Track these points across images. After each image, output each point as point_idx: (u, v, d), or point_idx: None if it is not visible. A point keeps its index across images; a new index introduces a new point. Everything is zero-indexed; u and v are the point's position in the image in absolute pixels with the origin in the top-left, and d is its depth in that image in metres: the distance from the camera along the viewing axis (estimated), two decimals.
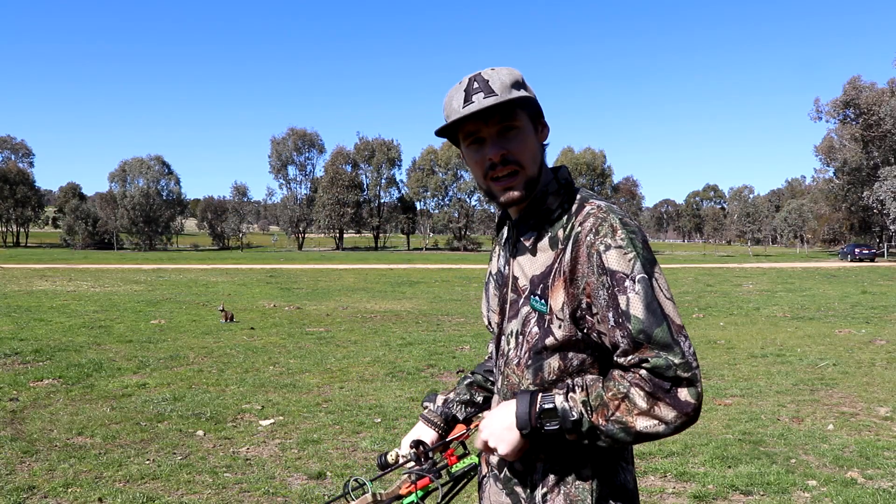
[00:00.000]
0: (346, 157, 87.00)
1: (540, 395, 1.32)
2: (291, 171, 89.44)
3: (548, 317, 1.35)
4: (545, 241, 1.39)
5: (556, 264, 1.34)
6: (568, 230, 1.35)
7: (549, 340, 1.35)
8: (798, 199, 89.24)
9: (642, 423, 1.26)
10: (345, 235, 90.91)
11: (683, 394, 1.26)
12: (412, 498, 1.57)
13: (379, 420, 5.73)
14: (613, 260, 1.28)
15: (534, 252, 1.41)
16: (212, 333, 10.87)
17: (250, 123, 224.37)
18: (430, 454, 1.62)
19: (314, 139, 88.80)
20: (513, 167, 1.38)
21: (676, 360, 1.25)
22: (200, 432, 5.34)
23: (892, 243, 62.95)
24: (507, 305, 1.46)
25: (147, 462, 4.63)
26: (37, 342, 9.62)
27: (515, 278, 1.44)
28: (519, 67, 1.44)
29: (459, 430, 1.68)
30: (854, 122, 57.40)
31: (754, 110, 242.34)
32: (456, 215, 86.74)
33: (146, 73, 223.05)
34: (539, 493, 1.37)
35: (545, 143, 1.46)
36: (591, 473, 1.35)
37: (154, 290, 19.71)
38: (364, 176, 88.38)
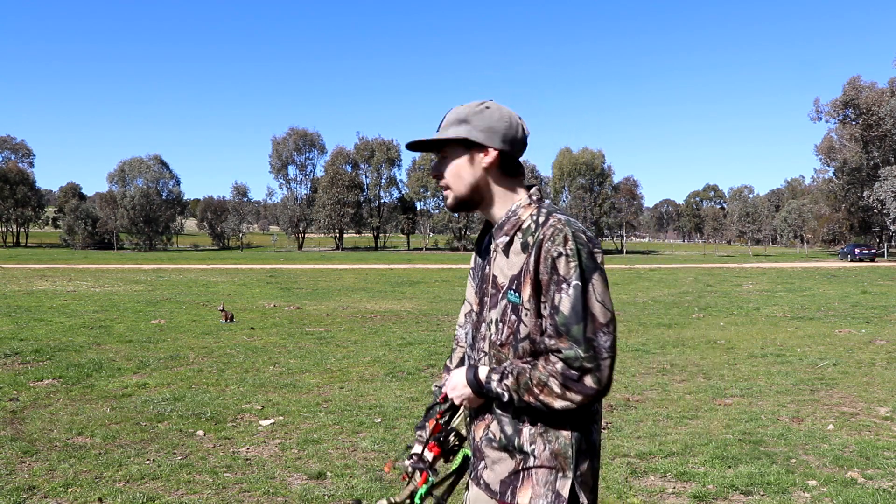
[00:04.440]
0: (346, 157, 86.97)
1: (483, 376, 1.72)
2: (292, 171, 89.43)
3: (520, 307, 1.69)
4: (517, 245, 1.72)
5: (525, 264, 1.68)
6: (536, 237, 1.69)
7: (522, 327, 1.69)
8: (798, 199, 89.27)
9: (559, 403, 1.63)
10: (345, 235, 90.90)
11: (588, 380, 1.61)
12: (421, 491, 1.85)
13: (379, 420, 5.74)
14: (561, 265, 1.63)
15: (507, 254, 1.74)
16: (212, 333, 10.87)
17: (250, 123, 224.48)
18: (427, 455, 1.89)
19: (315, 139, 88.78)
20: (444, 185, 1.83)
21: (583, 354, 1.59)
22: (200, 432, 5.34)
23: (892, 243, 62.93)
24: (488, 298, 1.79)
25: (147, 462, 4.63)
26: (37, 342, 9.62)
27: (495, 276, 1.76)
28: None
29: (431, 424, 1.90)
30: (854, 122, 57.36)
31: (754, 110, 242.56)
32: (456, 215, 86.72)
33: (146, 73, 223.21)
34: (529, 448, 1.70)
35: (487, 165, 1.77)
36: (570, 431, 1.70)
37: (154, 290, 19.72)
38: (364, 176, 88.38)
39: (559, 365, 1.61)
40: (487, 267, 1.80)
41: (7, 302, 15.61)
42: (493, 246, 1.79)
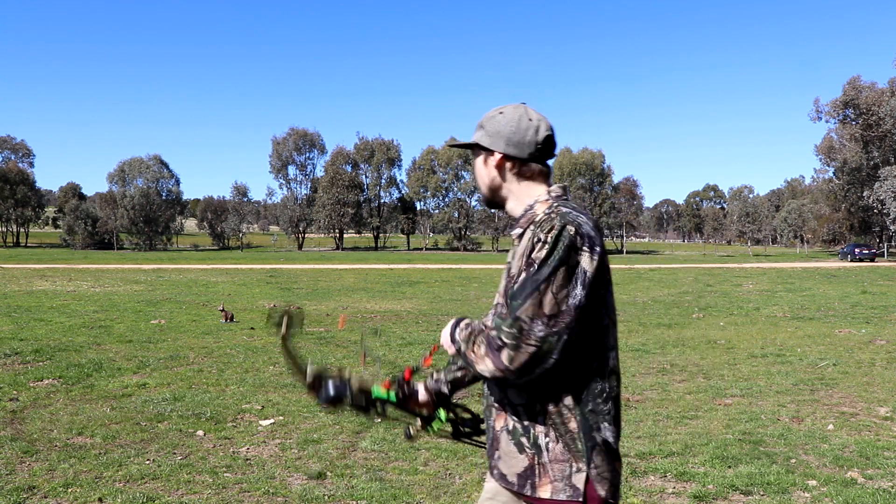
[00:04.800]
0: (346, 157, 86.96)
1: (457, 328, 1.84)
2: (292, 171, 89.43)
3: (510, 286, 1.78)
4: (527, 237, 1.78)
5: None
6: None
7: None
8: (798, 199, 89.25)
9: (479, 366, 1.71)
10: (345, 235, 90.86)
11: (503, 355, 1.66)
12: (380, 393, 2.07)
13: (379, 420, 5.73)
14: (536, 248, 1.70)
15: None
16: (212, 333, 10.87)
17: (250, 123, 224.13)
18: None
19: (315, 139, 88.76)
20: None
21: (507, 329, 1.66)
22: (200, 432, 5.34)
23: (892, 243, 62.94)
24: (506, 289, 1.85)
25: (147, 462, 4.63)
26: (37, 342, 9.62)
27: (510, 267, 1.83)
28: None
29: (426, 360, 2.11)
30: (854, 122, 57.36)
31: (754, 110, 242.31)
32: (456, 215, 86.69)
33: (146, 73, 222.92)
34: (542, 441, 1.76)
35: (494, 167, 1.89)
36: (578, 426, 1.74)
37: (154, 290, 19.72)
38: (364, 176, 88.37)
39: (492, 331, 1.69)
40: (510, 259, 1.88)
41: (7, 302, 15.61)
42: (512, 240, 1.89)
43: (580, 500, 1.74)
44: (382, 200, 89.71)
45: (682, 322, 12.70)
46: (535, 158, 1.87)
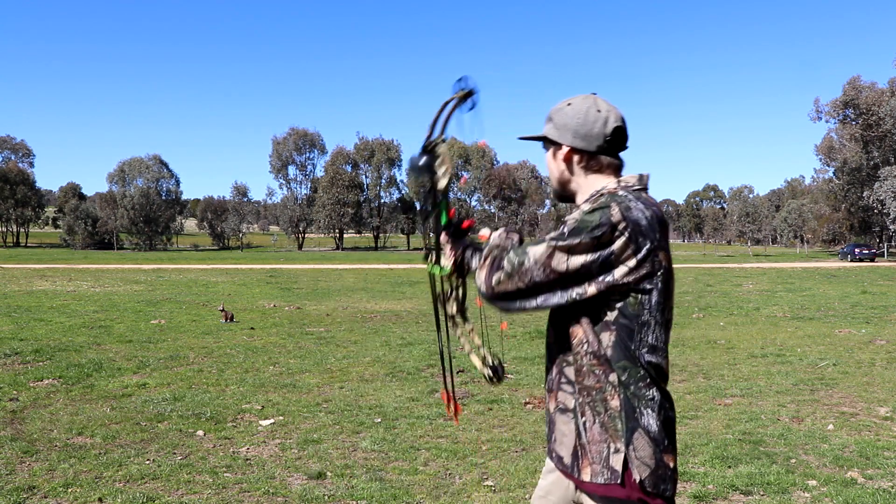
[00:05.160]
0: (347, 157, 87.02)
1: (500, 234, 1.92)
2: (292, 171, 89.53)
3: None
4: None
5: None
6: None
7: None
8: (798, 199, 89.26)
9: (477, 272, 1.84)
10: (345, 235, 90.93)
11: (495, 275, 1.78)
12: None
13: (379, 420, 5.73)
14: (573, 214, 1.77)
15: None
16: (212, 333, 10.87)
17: (250, 123, 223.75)
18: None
19: (315, 139, 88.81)
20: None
21: (513, 257, 1.76)
22: (200, 432, 5.34)
23: (892, 243, 62.94)
24: None
25: (147, 462, 4.63)
26: (37, 342, 9.62)
27: None
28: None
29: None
30: (854, 122, 57.35)
31: (754, 110, 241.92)
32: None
33: (146, 73, 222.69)
34: (580, 420, 1.77)
35: (562, 159, 1.88)
36: (621, 407, 1.72)
37: (154, 290, 19.72)
38: (364, 176, 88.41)
39: (504, 252, 1.81)
40: None
41: (7, 302, 15.62)
42: None
43: (618, 482, 1.70)
44: (382, 200, 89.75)
45: (682, 322, 12.70)
46: (604, 151, 1.83)
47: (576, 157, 1.85)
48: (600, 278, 1.69)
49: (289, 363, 8.34)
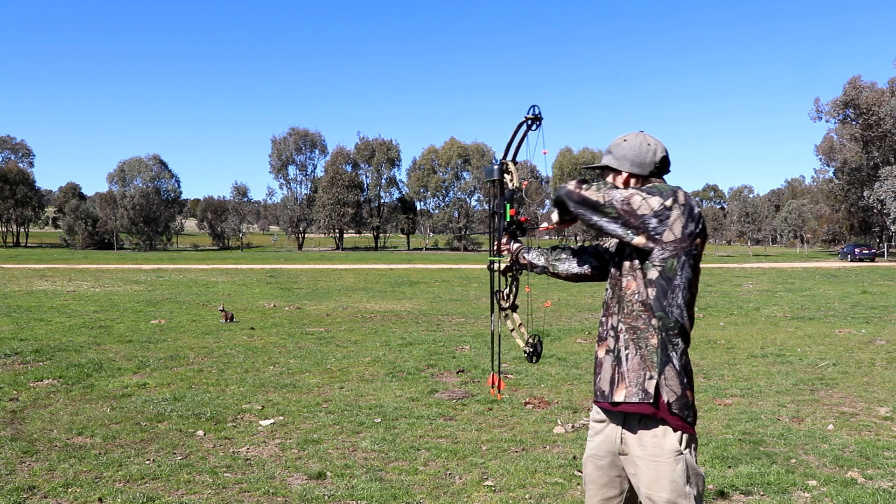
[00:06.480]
0: (347, 157, 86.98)
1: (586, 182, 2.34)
2: (292, 170, 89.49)
3: None
4: None
5: None
6: None
7: None
8: (798, 199, 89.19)
9: (566, 186, 2.26)
10: (345, 235, 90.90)
11: (583, 188, 2.22)
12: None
13: (379, 420, 5.73)
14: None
15: None
16: (212, 333, 10.87)
17: (250, 123, 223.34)
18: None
19: (315, 139, 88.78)
20: None
21: (602, 184, 2.24)
22: (200, 432, 5.34)
23: (892, 243, 62.94)
24: None
25: (147, 462, 4.63)
26: (37, 342, 9.62)
27: None
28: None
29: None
30: (854, 122, 57.35)
31: (754, 110, 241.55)
32: (456, 215, 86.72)
33: (146, 73, 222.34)
34: (623, 353, 2.21)
35: (620, 183, 2.36)
36: (658, 345, 2.16)
37: (154, 290, 19.72)
38: (364, 176, 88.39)
39: (596, 181, 2.30)
40: None
41: (7, 302, 15.62)
42: None
43: (650, 402, 2.14)
44: (382, 200, 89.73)
45: None
46: (654, 174, 2.33)
47: (633, 181, 2.35)
48: (652, 232, 2.11)
49: (289, 363, 8.34)
